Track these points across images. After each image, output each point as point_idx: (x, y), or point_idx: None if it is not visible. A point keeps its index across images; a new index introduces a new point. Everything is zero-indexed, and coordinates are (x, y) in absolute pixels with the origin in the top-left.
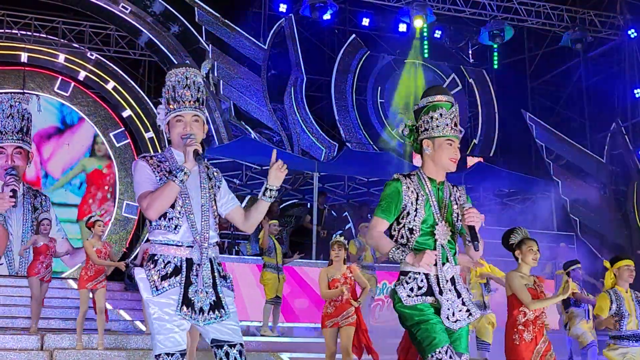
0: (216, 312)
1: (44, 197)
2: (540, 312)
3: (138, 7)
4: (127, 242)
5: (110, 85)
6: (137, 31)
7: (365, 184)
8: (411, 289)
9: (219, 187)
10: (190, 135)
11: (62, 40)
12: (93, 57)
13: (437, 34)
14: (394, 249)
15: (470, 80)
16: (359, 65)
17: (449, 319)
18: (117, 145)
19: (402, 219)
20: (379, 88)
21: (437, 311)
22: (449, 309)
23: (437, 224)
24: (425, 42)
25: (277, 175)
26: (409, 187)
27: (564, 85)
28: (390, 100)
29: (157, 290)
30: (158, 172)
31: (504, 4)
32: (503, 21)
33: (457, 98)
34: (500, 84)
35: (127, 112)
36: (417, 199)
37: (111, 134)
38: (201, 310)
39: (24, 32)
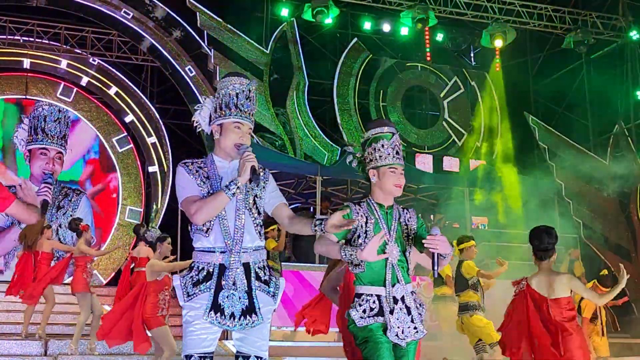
0: (247, 317)
1: (76, 195)
2: None
3: (140, 13)
4: (130, 247)
5: (113, 90)
6: (139, 36)
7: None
8: (364, 311)
9: (264, 187)
10: (248, 148)
11: (64, 46)
12: (95, 63)
13: (439, 37)
14: (342, 249)
15: (473, 83)
16: (361, 69)
17: (397, 336)
18: (120, 150)
19: (354, 241)
20: (381, 91)
21: (386, 329)
22: (398, 327)
23: (387, 244)
24: (427, 46)
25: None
26: (358, 212)
27: (566, 88)
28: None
29: (188, 296)
30: (197, 177)
31: (505, 7)
32: (505, 24)
33: (459, 101)
34: (503, 86)
35: (129, 117)
36: (366, 222)
37: (114, 139)
38: (232, 315)
39: (26, 38)
